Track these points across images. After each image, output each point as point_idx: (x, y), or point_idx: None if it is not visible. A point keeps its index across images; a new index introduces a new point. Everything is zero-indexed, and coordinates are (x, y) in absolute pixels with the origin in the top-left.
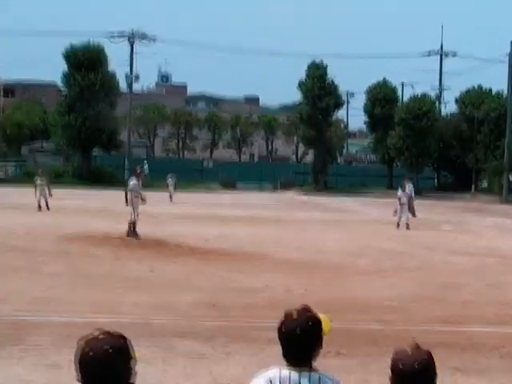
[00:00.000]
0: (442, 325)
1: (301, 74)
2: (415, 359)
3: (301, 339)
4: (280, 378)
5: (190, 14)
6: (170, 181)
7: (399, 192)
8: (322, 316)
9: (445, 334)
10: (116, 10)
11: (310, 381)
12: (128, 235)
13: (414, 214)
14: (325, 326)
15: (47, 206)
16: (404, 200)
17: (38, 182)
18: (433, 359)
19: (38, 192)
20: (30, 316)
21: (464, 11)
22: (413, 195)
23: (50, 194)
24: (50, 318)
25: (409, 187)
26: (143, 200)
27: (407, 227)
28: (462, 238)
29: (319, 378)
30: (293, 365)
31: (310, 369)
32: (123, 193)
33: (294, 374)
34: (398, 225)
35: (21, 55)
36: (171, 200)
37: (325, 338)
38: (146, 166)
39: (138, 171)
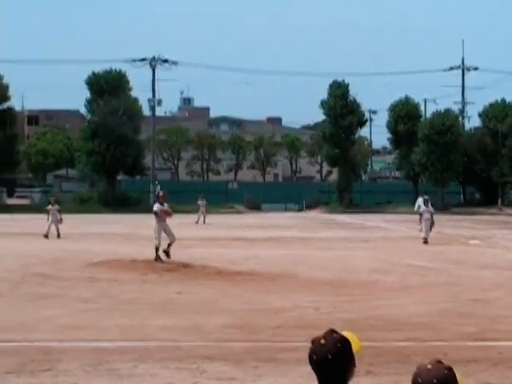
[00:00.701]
0: (472, 340)
1: (323, 93)
2: (434, 375)
3: (333, 364)
4: None
5: (210, 37)
6: (201, 203)
7: (422, 208)
8: (348, 334)
9: (476, 350)
10: (137, 35)
11: None
12: (156, 260)
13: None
14: (354, 344)
15: (58, 234)
16: (427, 216)
17: (51, 210)
18: (454, 375)
19: (50, 219)
20: (60, 342)
21: (484, 25)
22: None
23: (61, 221)
24: (79, 343)
25: (428, 202)
26: (168, 214)
27: (426, 242)
28: (490, 252)
29: None
30: None
31: None
32: (149, 217)
33: None
34: (426, 241)
35: (44, 83)
36: (204, 222)
37: (356, 356)
38: (158, 187)
39: (161, 194)
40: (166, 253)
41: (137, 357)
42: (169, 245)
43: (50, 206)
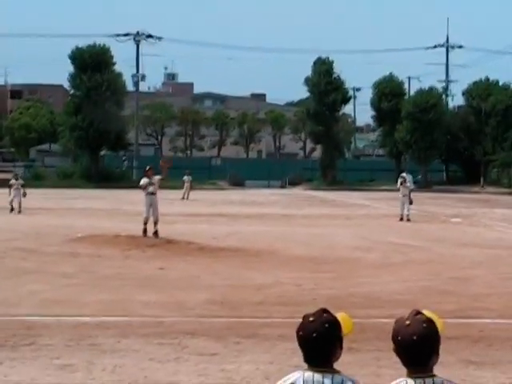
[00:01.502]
0: (453, 318)
1: (307, 70)
2: (413, 331)
3: (318, 342)
4: (303, 379)
5: (194, 13)
6: (187, 179)
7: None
8: (341, 315)
9: (456, 327)
10: (121, 11)
11: (332, 382)
12: (144, 233)
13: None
14: (345, 326)
15: (20, 208)
16: (405, 192)
17: (14, 185)
18: (433, 326)
19: (13, 195)
20: (42, 317)
21: (469, 3)
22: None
23: (24, 195)
24: (61, 318)
25: (408, 178)
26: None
27: (408, 219)
28: (472, 231)
29: (342, 380)
30: (314, 367)
31: (332, 370)
32: (132, 192)
33: (318, 376)
34: (402, 217)
35: (27, 58)
36: (187, 198)
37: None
38: (125, 163)
39: (147, 169)
40: (155, 233)
41: (119, 332)
42: (154, 223)
43: (13, 181)
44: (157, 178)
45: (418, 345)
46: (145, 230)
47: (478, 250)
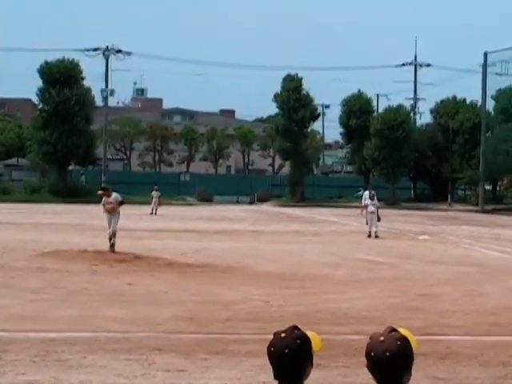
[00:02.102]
0: (420, 335)
1: (276, 86)
2: (386, 347)
3: (289, 359)
4: None
5: (164, 28)
6: (155, 194)
7: (367, 201)
8: (311, 333)
9: (423, 344)
10: (91, 25)
11: None
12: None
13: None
14: (315, 343)
15: None
16: (373, 209)
17: None
18: (407, 344)
19: None
20: (8, 332)
21: (437, 23)
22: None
23: None
24: (28, 334)
25: (374, 195)
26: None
27: (376, 236)
28: (439, 248)
29: None
30: None
31: None
32: (100, 208)
33: None
34: (370, 234)
35: None
36: (155, 214)
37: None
38: (82, 177)
39: (100, 191)
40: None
41: (86, 348)
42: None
43: None
44: (113, 197)
45: (391, 362)
46: (111, 246)
47: (445, 266)
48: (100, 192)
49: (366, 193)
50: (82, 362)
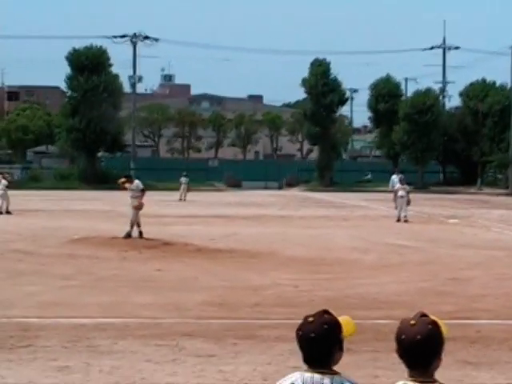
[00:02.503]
0: (450, 319)
1: (304, 71)
2: (417, 331)
3: (316, 343)
4: (303, 380)
5: (191, 14)
6: (184, 180)
7: (398, 185)
8: (344, 318)
9: (453, 328)
10: (118, 12)
11: (332, 383)
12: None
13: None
14: (346, 329)
15: (7, 210)
16: (403, 193)
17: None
18: (438, 328)
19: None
20: (39, 319)
21: (466, 5)
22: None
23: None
24: (59, 320)
25: (403, 179)
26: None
27: (405, 221)
28: (469, 232)
29: (342, 382)
30: (313, 368)
31: (332, 372)
32: (129, 194)
33: (317, 377)
34: (399, 219)
35: (24, 59)
36: (184, 200)
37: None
38: (102, 164)
39: (122, 181)
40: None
41: (116, 334)
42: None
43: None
44: (134, 184)
45: (421, 345)
46: (140, 233)
47: (475, 250)
48: (122, 180)
49: (394, 176)
50: (113, 348)
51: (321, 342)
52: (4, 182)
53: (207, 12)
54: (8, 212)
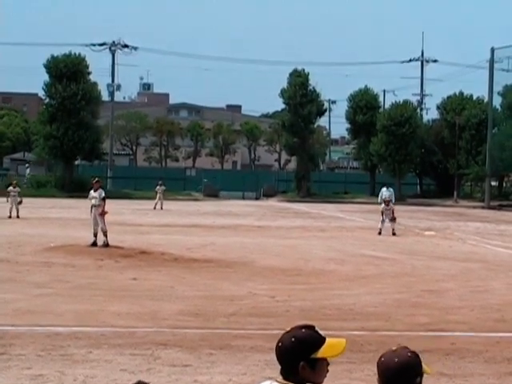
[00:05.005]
0: (425, 330)
1: (283, 82)
2: (397, 355)
3: (281, 353)
4: None
5: (171, 23)
6: (159, 189)
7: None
8: (335, 340)
9: (428, 340)
10: (97, 20)
11: None
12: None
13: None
14: (329, 349)
15: (18, 215)
16: (388, 206)
17: (11, 192)
18: (417, 359)
19: (10, 201)
20: (14, 327)
21: (444, 18)
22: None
23: (20, 202)
24: (34, 328)
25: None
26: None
27: (393, 233)
28: (445, 244)
29: None
30: (284, 378)
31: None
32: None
33: None
34: (380, 232)
35: (1, 66)
36: (161, 208)
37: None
38: (27, 171)
39: (94, 181)
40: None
41: (91, 342)
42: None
43: (10, 188)
44: (98, 192)
45: (397, 368)
46: (94, 242)
47: (451, 263)
48: (94, 181)
49: (384, 189)
50: (88, 357)
51: (284, 353)
52: (17, 188)
53: (186, 21)
54: (17, 216)
